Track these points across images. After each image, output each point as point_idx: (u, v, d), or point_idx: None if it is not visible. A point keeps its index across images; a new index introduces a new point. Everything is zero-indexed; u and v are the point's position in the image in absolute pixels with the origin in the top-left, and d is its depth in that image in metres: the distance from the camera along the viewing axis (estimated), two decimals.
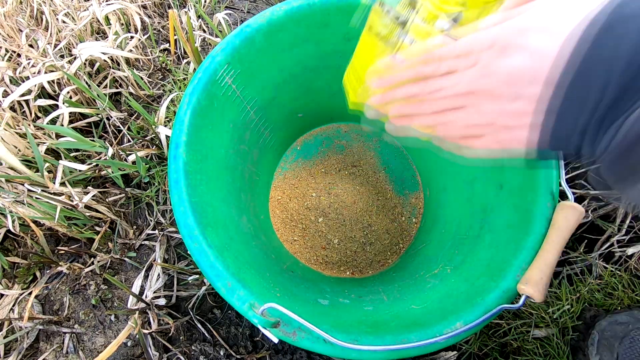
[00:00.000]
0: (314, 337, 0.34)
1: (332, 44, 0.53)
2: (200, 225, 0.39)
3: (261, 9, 0.92)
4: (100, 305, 0.64)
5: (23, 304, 0.64)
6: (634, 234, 0.56)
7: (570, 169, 0.62)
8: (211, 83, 0.45)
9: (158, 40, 0.89)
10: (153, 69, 0.83)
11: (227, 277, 0.37)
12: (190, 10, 0.86)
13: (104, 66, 0.79)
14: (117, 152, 0.68)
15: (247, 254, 0.46)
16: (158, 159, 0.73)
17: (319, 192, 0.67)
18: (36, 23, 0.86)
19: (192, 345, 0.60)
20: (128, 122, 0.75)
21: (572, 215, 0.36)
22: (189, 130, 0.43)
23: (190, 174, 0.42)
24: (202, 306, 0.63)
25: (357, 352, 0.33)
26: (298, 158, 0.70)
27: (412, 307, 0.42)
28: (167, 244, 0.66)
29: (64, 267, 0.65)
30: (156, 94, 0.81)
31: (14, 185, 0.63)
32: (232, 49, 0.46)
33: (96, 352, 0.61)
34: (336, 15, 0.49)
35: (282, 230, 0.65)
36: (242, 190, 0.56)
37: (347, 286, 0.56)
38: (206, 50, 0.85)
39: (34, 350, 0.62)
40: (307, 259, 0.63)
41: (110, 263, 0.67)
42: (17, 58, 0.79)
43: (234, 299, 0.36)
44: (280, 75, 0.55)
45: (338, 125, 0.73)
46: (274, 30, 0.48)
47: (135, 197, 0.70)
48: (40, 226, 0.64)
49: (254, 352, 0.59)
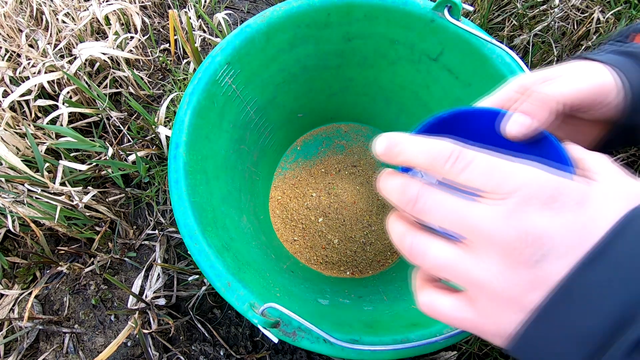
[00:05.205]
0: (314, 337, 0.34)
1: (332, 44, 0.53)
2: (200, 225, 0.39)
3: (261, 9, 0.92)
4: (100, 305, 0.64)
5: (23, 304, 0.64)
6: None
7: None
8: (211, 83, 0.45)
9: (158, 40, 0.89)
10: (153, 69, 0.83)
11: (227, 277, 0.37)
12: (190, 10, 0.86)
13: (104, 66, 0.79)
14: (117, 152, 0.68)
15: (247, 254, 0.46)
16: (158, 159, 0.73)
17: (319, 192, 0.67)
18: (36, 23, 0.86)
19: (192, 345, 0.60)
20: (128, 122, 0.75)
21: None
22: (189, 130, 0.43)
23: (190, 174, 0.42)
24: (202, 306, 0.63)
25: (357, 352, 0.33)
26: (298, 158, 0.70)
27: (412, 307, 0.42)
28: (167, 244, 0.66)
29: (64, 267, 0.65)
30: (156, 94, 0.81)
31: (14, 185, 0.63)
32: (232, 49, 0.46)
33: (96, 352, 0.61)
34: (336, 15, 0.49)
35: (282, 230, 0.65)
36: (242, 190, 0.56)
37: (347, 286, 0.56)
38: (206, 50, 0.85)
39: (34, 350, 0.62)
40: (307, 259, 0.63)
41: (110, 263, 0.67)
42: (17, 58, 0.79)
43: (234, 299, 0.36)
44: (280, 75, 0.55)
45: (338, 125, 0.73)
46: (274, 30, 0.48)
47: (135, 197, 0.70)
48: (40, 226, 0.64)
49: (254, 352, 0.59)
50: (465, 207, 0.17)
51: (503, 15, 0.79)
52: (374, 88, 0.62)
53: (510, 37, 0.77)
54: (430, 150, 0.18)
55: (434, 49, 0.49)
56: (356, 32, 0.52)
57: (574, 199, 0.15)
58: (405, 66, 0.55)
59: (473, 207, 0.16)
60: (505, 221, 0.15)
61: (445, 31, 0.46)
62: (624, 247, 0.14)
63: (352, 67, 0.58)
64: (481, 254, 0.16)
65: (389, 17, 0.49)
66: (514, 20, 0.77)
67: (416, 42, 0.50)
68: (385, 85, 0.61)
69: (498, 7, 0.80)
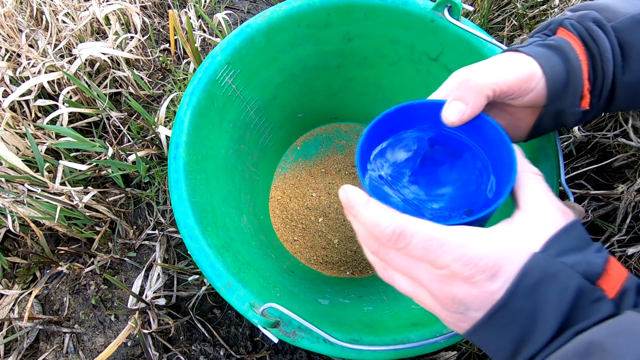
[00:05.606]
0: (314, 337, 0.34)
1: (332, 44, 0.53)
2: (200, 225, 0.39)
3: (261, 9, 0.92)
4: (100, 305, 0.64)
5: (23, 304, 0.64)
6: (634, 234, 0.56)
7: (570, 169, 0.62)
8: (211, 83, 0.45)
9: (158, 40, 0.89)
10: (153, 69, 0.83)
11: (227, 277, 0.37)
12: (190, 10, 0.86)
13: (104, 66, 0.79)
14: (117, 152, 0.68)
15: (247, 254, 0.46)
16: (158, 159, 0.73)
17: (319, 192, 0.67)
18: (36, 23, 0.86)
19: (192, 345, 0.60)
20: (128, 122, 0.75)
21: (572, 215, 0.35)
22: (189, 130, 0.43)
23: (190, 174, 0.42)
24: (202, 306, 0.63)
25: (357, 352, 0.33)
26: (298, 158, 0.70)
27: (412, 307, 0.42)
28: (167, 244, 0.66)
29: (64, 267, 0.65)
30: (156, 94, 0.81)
31: (14, 185, 0.63)
32: (232, 49, 0.46)
33: (96, 352, 0.61)
34: (336, 15, 0.49)
35: (282, 230, 0.65)
36: (242, 190, 0.56)
37: (347, 286, 0.56)
38: (206, 50, 0.85)
39: (34, 350, 0.62)
40: (307, 259, 0.63)
41: (110, 263, 0.67)
42: (17, 58, 0.79)
43: (234, 299, 0.36)
44: (280, 75, 0.55)
45: (338, 125, 0.73)
46: (274, 30, 0.48)
47: (135, 197, 0.70)
48: (40, 226, 0.64)
49: (254, 352, 0.59)
50: (412, 266, 0.22)
51: (503, 15, 0.79)
52: (374, 88, 0.62)
53: (510, 37, 0.77)
54: (375, 230, 0.22)
55: (434, 49, 0.49)
56: (356, 32, 0.52)
57: (488, 274, 0.20)
58: (405, 66, 0.55)
59: (418, 266, 0.22)
60: (439, 285, 0.22)
61: (445, 31, 0.46)
62: (515, 302, 0.20)
63: (352, 67, 0.58)
64: (427, 295, 0.23)
65: (389, 17, 0.49)
66: (514, 20, 0.77)
67: (416, 42, 0.50)
68: (385, 85, 0.61)
69: (498, 7, 0.80)
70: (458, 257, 0.20)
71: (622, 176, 0.61)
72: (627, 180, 0.58)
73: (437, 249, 0.21)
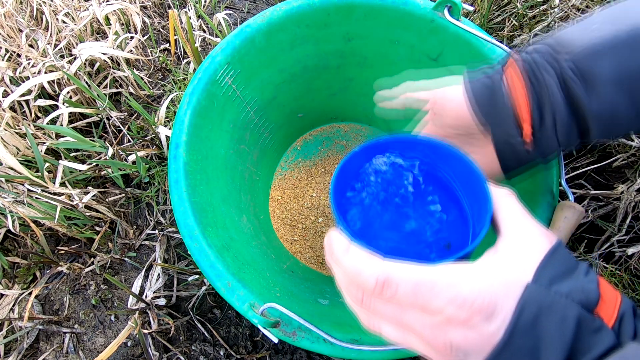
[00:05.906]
0: (314, 337, 0.34)
1: (332, 44, 0.53)
2: (200, 225, 0.39)
3: (261, 9, 0.92)
4: (100, 305, 0.64)
5: (23, 304, 0.64)
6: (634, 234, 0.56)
7: (570, 169, 0.62)
8: (211, 83, 0.45)
9: (158, 40, 0.89)
10: (153, 69, 0.83)
11: (227, 277, 0.37)
12: (190, 10, 0.86)
13: (104, 66, 0.79)
14: (117, 152, 0.68)
15: (247, 254, 0.46)
16: (158, 159, 0.73)
17: (319, 192, 0.67)
18: (36, 23, 0.86)
19: (192, 345, 0.60)
20: (128, 122, 0.75)
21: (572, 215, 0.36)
22: (189, 130, 0.43)
23: (190, 174, 0.42)
24: (202, 306, 0.63)
25: (357, 352, 0.33)
26: (298, 158, 0.70)
27: None
28: (167, 244, 0.66)
29: (64, 267, 0.65)
30: (156, 94, 0.81)
31: (14, 185, 0.63)
32: (232, 49, 0.46)
33: (96, 352, 0.61)
34: (336, 15, 0.49)
35: (282, 230, 0.65)
36: (242, 190, 0.56)
37: None
38: (206, 50, 0.85)
39: (34, 350, 0.62)
40: (307, 259, 0.63)
41: (110, 263, 0.67)
42: (17, 58, 0.79)
43: (234, 299, 0.36)
44: (280, 75, 0.55)
45: (338, 125, 0.73)
46: (274, 30, 0.48)
47: (135, 197, 0.70)
48: (40, 226, 0.64)
49: (254, 352, 0.59)
50: (401, 313, 0.21)
51: (503, 15, 0.79)
52: (374, 88, 0.62)
53: (510, 37, 0.77)
54: (357, 279, 0.21)
55: (434, 49, 0.49)
56: (356, 32, 0.52)
57: (485, 315, 0.19)
58: (405, 66, 0.55)
59: (408, 313, 0.20)
60: (434, 331, 0.20)
61: (445, 31, 0.46)
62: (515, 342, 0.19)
63: (352, 67, 0.58)
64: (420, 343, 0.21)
65: (389, 17, 0.49)
66: (514, 20, 0.77)
67: (416, 42, 0.50)
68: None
69: (498, 7, 0.80)
70: (451, 299, 0.19)
71: (622, 176, 0.61)
72: (627, 180, 0.58)
73: (426, 292, 0.20)
